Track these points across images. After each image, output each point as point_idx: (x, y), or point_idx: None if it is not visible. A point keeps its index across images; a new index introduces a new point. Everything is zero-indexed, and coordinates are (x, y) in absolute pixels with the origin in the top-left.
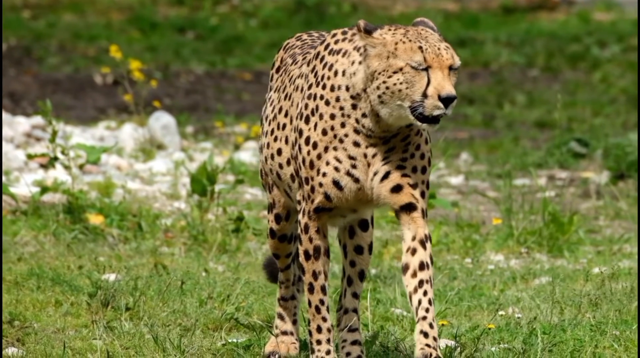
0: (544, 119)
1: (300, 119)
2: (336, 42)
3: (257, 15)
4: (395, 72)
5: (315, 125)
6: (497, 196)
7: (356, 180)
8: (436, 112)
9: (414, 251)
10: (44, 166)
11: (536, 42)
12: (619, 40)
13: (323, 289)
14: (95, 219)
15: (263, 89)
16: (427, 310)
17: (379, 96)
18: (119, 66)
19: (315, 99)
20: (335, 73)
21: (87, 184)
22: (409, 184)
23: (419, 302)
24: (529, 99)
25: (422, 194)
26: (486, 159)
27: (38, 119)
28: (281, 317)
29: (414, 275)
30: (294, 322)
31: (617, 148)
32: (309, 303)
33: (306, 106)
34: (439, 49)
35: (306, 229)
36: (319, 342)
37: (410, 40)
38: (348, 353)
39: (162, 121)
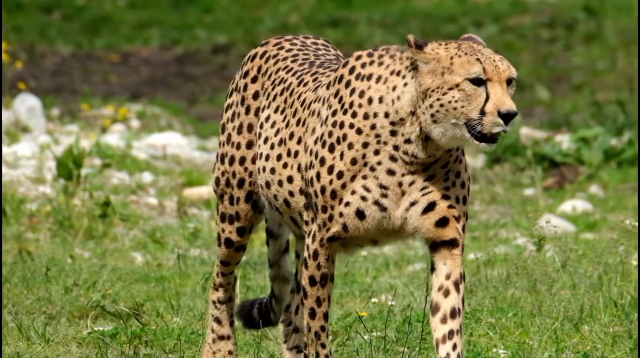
0: None
1: (323, 147)
2: (363, 65)
3: None
4: (450, 89)
5: (342, 154)
6: None
7: (383, 209)
8: (495, 130)
9: (446, 293)
10: None
11: (411, 23)
12: (496, 21)
13: (325, 316)
14: None
15: (131, 71)
16: None
17: (432, 115)
18: None
19: (342, 127)
20: (370, 101)
21: None
22: (454, 217)
23: (447, 356)
24: None
25: (464, 228)
26: None
27: None
28: (218, 321)
29: (444, 320)
30: (231, 324)
31: None
32: (309, 328)
33: (330, 134)
34: (494, 60)
35: (315, 255)
36: None
37: (466, 54)
38: None
39: (27, 104)
